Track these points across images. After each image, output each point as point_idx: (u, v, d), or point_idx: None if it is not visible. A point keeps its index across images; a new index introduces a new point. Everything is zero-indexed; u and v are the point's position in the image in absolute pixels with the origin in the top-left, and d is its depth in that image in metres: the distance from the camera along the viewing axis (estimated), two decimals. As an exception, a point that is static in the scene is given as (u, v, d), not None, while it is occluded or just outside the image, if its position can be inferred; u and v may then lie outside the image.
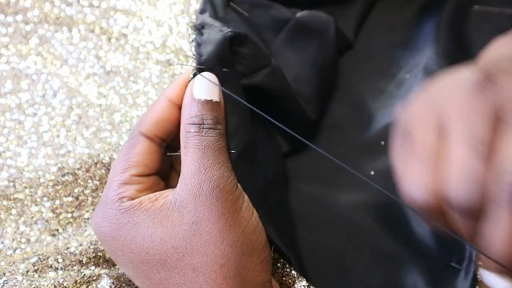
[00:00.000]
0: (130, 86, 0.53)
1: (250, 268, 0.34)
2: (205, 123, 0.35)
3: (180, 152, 0.36)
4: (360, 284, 0.45)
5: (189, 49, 0.40)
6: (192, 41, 0.38)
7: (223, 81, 0.37)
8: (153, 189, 0.37)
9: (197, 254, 0.33)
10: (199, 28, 0.39)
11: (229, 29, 0.39)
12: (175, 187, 0.36)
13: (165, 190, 0.36)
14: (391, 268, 0.45)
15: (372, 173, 0.50)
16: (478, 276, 0.44)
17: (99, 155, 0.48)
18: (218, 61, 0.37)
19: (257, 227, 0.35)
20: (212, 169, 0.34)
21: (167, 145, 0.39)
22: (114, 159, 0.48)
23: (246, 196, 0.36)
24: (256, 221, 0.36)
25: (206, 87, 0.36)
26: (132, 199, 0.35)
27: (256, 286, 0.35)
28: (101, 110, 0.52)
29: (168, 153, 0.40)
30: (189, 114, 0.35)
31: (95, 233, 0.37)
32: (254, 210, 0.36)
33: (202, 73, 0.37)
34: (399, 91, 0.53)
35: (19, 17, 0.55)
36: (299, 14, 0.51)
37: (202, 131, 0.35)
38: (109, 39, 0.55)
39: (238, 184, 0.36)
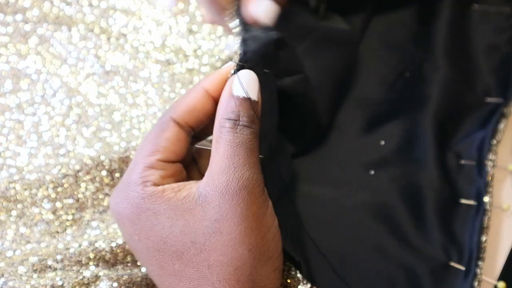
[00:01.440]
0: (130, 86, 0.53)
1: (264, 275, 0.34)
2: (240, 119, 0.34)
3: (209, 147, 0.36)
4: (361, 285, 0.45)
5: (231, 47, 0.40)
6: (237, 36, 0.38)
7: (262, 83, 0.37)
8: (176, 176, 0.36)
9: (214, 253, 0.33)
10: (246, 25, 0.39)
11: (274, 30, 0.39)
12: (194, 179, 0.36)
13: (189, 182, 0.35)
14: (391, 269, 0.45)
15: (372, 172, 0.50)
16: (479, 276, 0.44)
17: (99, 157, 0.48)
18: (261, 60, 0.37)
19: (276, 234, 0.35)
20: (243, 169, 0.33)
21: (193, 136, 0.39)
22: (114, 161, 0.48)
23: (270, 202, 0.36)
24: (276, 228, 0.35)
25: (247, 84, 0.35)
26: (156, 184, 0.35)
27: None
28: (101, 110, 0.52)
29: (196, 145, 0.40)
30: (226, 109, 0.35)
31: (113, 213, 0.37)
32: (276, 217, 0.36)
33: (243, 71, 0.36)
34: (398, 91, 0.53)
35: (19, 17, 0.55)
36: (325, 23, 0.51)
37: (237, 128, 0.34)
38: (108, 38, 0.55)
39: (265, 189, 0.35)
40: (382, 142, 0.51)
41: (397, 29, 0.57)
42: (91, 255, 0.43)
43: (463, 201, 0.48)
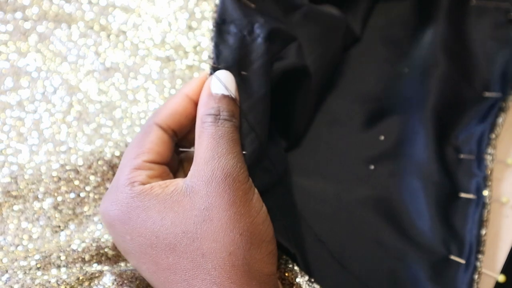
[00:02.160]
0: (130, 82, 0.53)
1: (258, 259, 0.35)
2: (221, 114, 0.36)
3: (192, 149, 0.37)
4: (361, 278, 0.45)
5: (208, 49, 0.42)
6: (211, 39, 0.39)
7: (239, 83, 0.38)
8: (163, 177, 0.37)
9: (206, 240, 0.33)
10: (219, 23, 0.40)
11: (247, 30, 0.40)
12: None
13: (175, 179, 0.36)
14: (391, 262, 0.45)
15: (372, 167, 0.50)
16: (479, 269, 0.44)
17: (101, 152, 0.48)
18: (235, 64, 0.38)
19: (265, 219, 0.36)
20: (226, 158, 0.35)
21: (176, 144, 0.40)
22: (116, 156, 0.48)
23: (256, 190, 0.36)
24: (265, 213, 0.36)
25: (224, 83, 0.37)
26: (144, 184, 0.35)
27: (263, 277, 0.35)
28: (102, 107, 0.52)
29: (180, 149, 0.41)
30: (206, 106, 0.37)
31: (103, 218, 0.37)
32: (263, 203, 0.36)
33: (220, 71, 0.38)
34: (398, 86, 0.54)
35: (18, 15, 0.55)
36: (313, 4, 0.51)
37: (218, 122, 0.36)
38: (108, 35, 0.55)
39: (250, 177, 0.36)
40: (382, 137, 0.52)
41: (396, 24, 0.57)
42: (94, 252, 0.43)
43: (463, 195, 0.48)
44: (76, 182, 0.47)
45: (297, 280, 0.41)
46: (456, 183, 0.49)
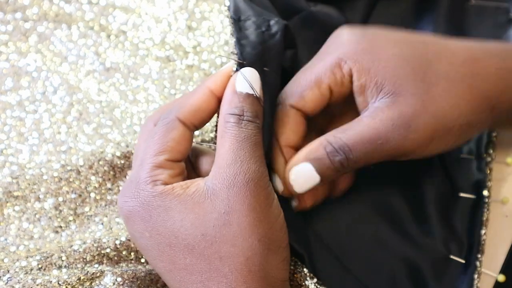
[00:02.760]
0: (130, 83, 0.53)
1: (274, 265, 0.35)
2: (245, 115, 0.35)
3: (215, 144, 0.36)
4: (361, 278, 0.45)
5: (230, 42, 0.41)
6: (232, 34, 0.38)
7: (263, 80, 0.38)
8: (183, 175, 0.37)
9: (225, 244, 0.33)
10: (236, 20, 0.39)
11: (265, 26, 0.39)
12: (190, 178, 0.36)
13: (196, 179, 0.36)
14: (391, 262, 0.46)
15: (372, 167, 0.50)
16: (478, 269, 0.44)
17: (102, 152, 0.48)
18: (258, 58, 0.38)
19: (283, 225, 0.36)
20: (249, 162, 0.34)
21: None
22: (117, 156, 0.48)
23: (275, 195, 0.36)
24: (282, 219, 0.36)
25: (249, 81, 0.36)
26: (166, 183, 0.35)
27: (277, 283, 0.35)
28: (102, 107, 0.52)
29: (201, 142, 0.41)
30: (230, 105, 0.36)
31: (121, 211, 0.37)
32: (281, 209, 0.36)
33: (245, 68, 0.37)
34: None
35: (18, 15, 0.55)
36: (314, 8, 0.51)
37: (242, 123, 0.35)
38: (108, 36, 0.56)
39: (270, 182, 0.36)
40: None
41: (396, 24, 0.57)
42: (95, 253, 0.43)
43: (463, 194, 0.48)
44: (77, 183, 0.47)
45: (306, 282, 0.41)
46: (456, 183, 0.49)
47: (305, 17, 0.49)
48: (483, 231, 0.46)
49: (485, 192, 0.47)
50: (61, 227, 0.46)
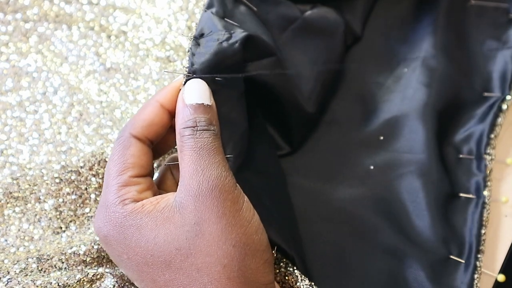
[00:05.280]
0: (131, 83, 0.53)
1: (254, 269, 0.35)
2: (198, 125, 0.35)
3: (177, 162, 0.36)
4: (361, 279, 0.45)
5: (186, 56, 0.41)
6: (188, 51, 0.38)
7: (214, 89, 0.38)
8: (151, 190, 0.37)
9: (200, 255, 0.33)
10: (197, 37, 0.39)
11: (225, 37, 0.39)
12: (171, 190, 0.36)
13: (166, 194, 0.36)
14: (392, 262, 0.46)
15: (372, 167, 0.50)
16: (478, 269, 0.44)
17: (102, 153, 0.48)
18: (210, 70, 0.38)
19: (258, 227, 0.36)
20: (210, 169, 0.34)
21: (155, 150, 0.40)
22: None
23: (246, 197, 0.36)
24: (257, 221, 0.36)
25: (197, 92, 0.36)
26: (135, 200, 0.35)
27: (260, 286, 0.35)
28: (102, 107, 0.52)
29: (165, 163, 0.41)
30: (183, 119, 0.36)
31: (98, 237, 0.37)
32: (255, 211, 0.36)
33: (190, 80, 0.37)
34: (397, 86, 0.54)
35: (19, 15, 0.55)
36: (308, 13, 0.51)
37: (196, 133, 0.35)
38: (108, 36, 0.56)
39: (237, 184, 0.36)
40: (381, 138, 0.52)
41: (395, 25, 0.57)
42: (95, 255, 0.43)
43: (462, 195, 0.48)
44: (77, 183, 0.47)
45: (298, 284, 0.41)
46: (455, 183, 0.49)
47: (298, 26, 0.49)
48: (483, 231, 0.46)
49: (485, 192, 0.47)
50: (61, 228, 0.46)
